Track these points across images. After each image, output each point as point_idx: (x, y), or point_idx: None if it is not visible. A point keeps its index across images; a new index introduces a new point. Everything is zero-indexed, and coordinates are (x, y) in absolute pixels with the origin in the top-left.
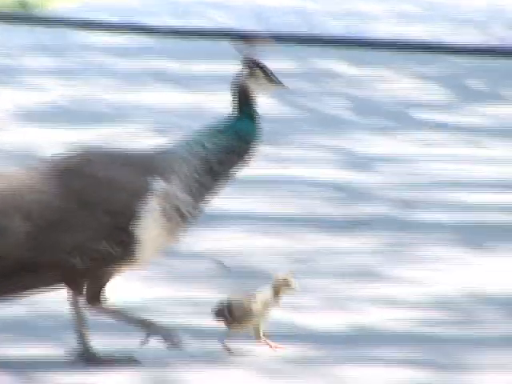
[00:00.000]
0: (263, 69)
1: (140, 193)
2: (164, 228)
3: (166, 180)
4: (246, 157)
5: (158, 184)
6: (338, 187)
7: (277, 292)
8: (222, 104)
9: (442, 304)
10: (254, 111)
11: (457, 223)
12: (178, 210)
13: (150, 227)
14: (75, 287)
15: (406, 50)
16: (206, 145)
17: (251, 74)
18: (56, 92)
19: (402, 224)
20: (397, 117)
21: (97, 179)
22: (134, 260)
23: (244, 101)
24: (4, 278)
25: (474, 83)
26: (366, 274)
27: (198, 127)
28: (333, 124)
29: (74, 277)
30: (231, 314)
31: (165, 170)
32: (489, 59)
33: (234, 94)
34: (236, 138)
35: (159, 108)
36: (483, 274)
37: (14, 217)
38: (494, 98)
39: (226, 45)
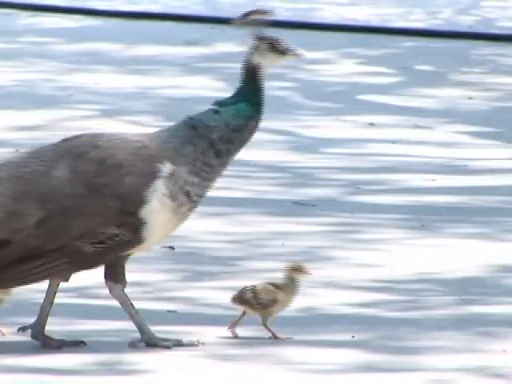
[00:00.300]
0: (271, 42)
1: (148, 176)
2: (172, 211)
3: (173, 163)
4: (249, 134)
5: (166, 167)
6: (283, 170)
7: (292, 280)
8: (168, 86)
9: (389, 286)
10: (259, 89)
11: (402, 205)
12: (185, 192)
13: (158, 210)
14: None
15: (352, 33)
16: (210, 124)
17: (259, 50)
18: (2, 75)
19: (347, 206)
20: (343, 99)
21: (105, 164)
22: (143, 243)
23: (250, 78)
24: (13, 263)
25: (420, 66)
26: (313, 257)
27: (201, 109)
28: (278, 107)
29: (82, 263)
30: (257, 300)
31: (171, 152)
32: (435, 42)
33: (242, 72)
34: (239, 116)
35: (105, 91)
36: (428, 255)
37: (25, 202)
38: (439, 80)
39: (170, 27)
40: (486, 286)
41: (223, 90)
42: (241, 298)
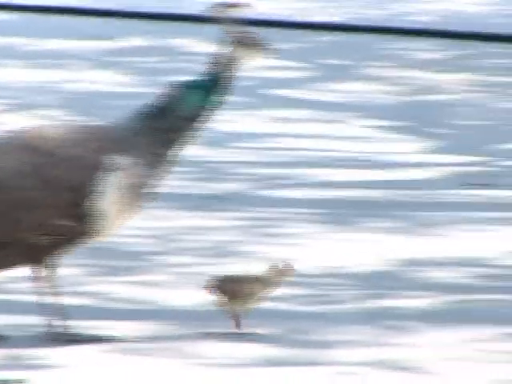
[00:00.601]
0: (246, 37)
1: (100, 168)
2: (124, 202)
3: (125, 154)
4: (201, 124)
5: (117, 159)
6: (194, 164)
7: (274, 277)
8: (77, 80)
9: (299, 280)
10: (223, 81)
11: (315, 200)
12: (137, 183)
13: (110, 202)
14: (40, 265)
15: (265, 27)
16: (162, 115)
17: (231, 44)
18: None
19: (259, 201)
20: (254, 94)
21: (56, 156)
22: (96, 234)
23: (216, 70)
24: None
25: (331, 60)
26: (224, 251)
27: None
28: None
29: (38, 254)
30: (232, 292)
31: (122, 144)
32: (344, 36)
33: (212, 62)
34: (191, 105)
35: (14, 85)
36: (340, 249)
37: None
38: (349, 74)
39: (79, 21)
40: (396, 279)
41: (132, 84)
42: (221, 288)
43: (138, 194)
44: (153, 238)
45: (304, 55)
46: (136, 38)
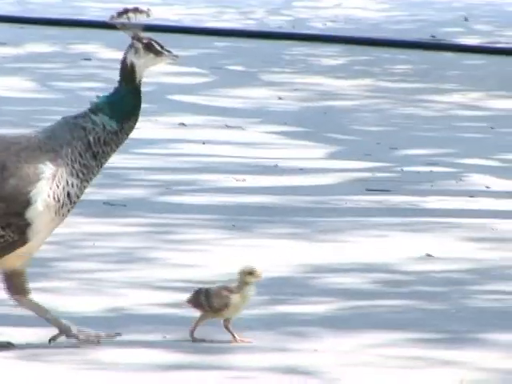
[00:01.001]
0: (148, 43)
1: (32, 178)
2: (55, 211)
3: (54, 164)
4: (125, 135)
5: (48, 168)
6: None
7: (245, 283)
8: None
9: (201, 286)
10: (136, 90)
11: (213, 205)
12: (66, 193)
13: (43, 211)
14: None
15: (163, 33)
16: (87, 126)
17: (135, 50)
18: None
19: (162, 207)
20: (153, 99)
21: None
22: (28, 244)
23: (127, 77)
24: None
25: (232, 66)
26: (127, 258)
27: (78, 109)
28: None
29: None
30: (209, 304)
31: (51, 154)
32: (247, 42)
33: (120, 71)
34: (115, 117)
35: None
36: (240, 255)
37: None
38: (250, 80)
39: None
40: (298, 285)
41: (33, 90)
42: (195, 300)
43: (67, 203)
44: (54, 245)
45: (204, 61)
46: (38, 43)
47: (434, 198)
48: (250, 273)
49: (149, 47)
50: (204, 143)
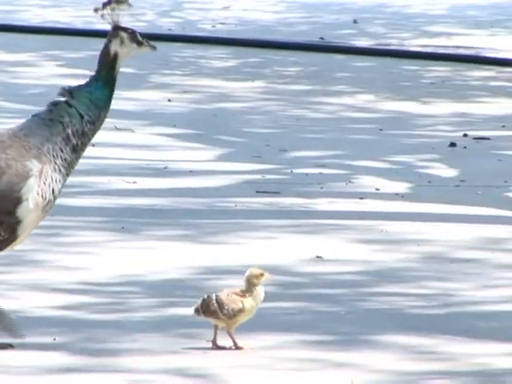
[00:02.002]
0: (130, 33)
1: (22, 176)
2: (42, 208)
3: (39, 161)
4: (100, 125)
5: (35, 165)
6: None
7: (254, 285)
8: None
9: (91, 288)
10: (112, 78)
11: (102, 208)
12: (52, 189)
13: (32, 208)
14: None
15: (54, 35)
16: (64, 120)
17: (119, 39)
18: None
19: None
20: (44, 102)
21: None
22: (16, 240)
23: (108, 66)
24: None
25: (121, 68)
26: (15, 260)
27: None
28: None
29: None
30: (223, 311)
31: (34, 150)
32: None
33: (100, 60)
34: (93, 106)
35: None
36: (131, 258)
37: None
38: (140, 83)
39: None
40: (188, 288)
41: None
42: (207, 309)
43: (51, 200)
44: None
45: (95, 63)
46: None
47: (324, 200)
48: (258, 274)
49: (133, 37)
50: (94, 145)
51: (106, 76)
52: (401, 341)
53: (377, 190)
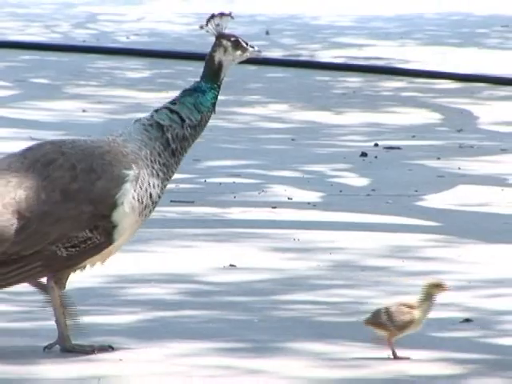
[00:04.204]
0: (233, 41)
1: (118, 180)
2: (139, 213)
3: (137, 166)
4: (202, 129)
5: (132, 171)
6: None
7: (430, 297)
8: None
9: (9, 297)
10: (218, 85)
11: None
12: (149, 194)
13: (128, 213)
14: (56, 276)
15: None
16: (164, 124)
17: (222, 47)
18: None
19: None
20: None
21: (76, 170)
22: (112, 245)
23: (213, 74)
24: None
25: (36, 79)
26: None
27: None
28: None
29: (55, 266)
30: (393, 323)
31: (132, 156)
32: (51, 55)
33: (205, 67)
34: (194, 110)
35: None
36: None
37: (3, 213)
38: (55, 93)
39: None
40: (103, 296)
41: None
42: (375, 321)
43: (149, 205)
44: None
45: (9, 74)
46: None
47: (237, 209)
48: (437, 285)
49: (236, 45)
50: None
51: (210, 83)
52: (313, 348)
53: (289, 199)
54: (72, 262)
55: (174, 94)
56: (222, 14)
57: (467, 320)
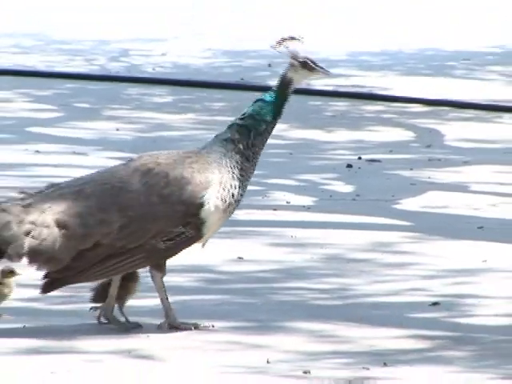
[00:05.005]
0: (303, 61)
1: (204, 184)
2: (223, 210)
3: (219, 172)
4: (268, 135)
5: (215, 176)
6: None
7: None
8: None
9: None
10: (285, 99)
11: None
12: (231, 194)
13: (214, 211)
14: (157, 265)
15: (23, 77)
16: (234, 138)
17: (293, 67)
18: None
19: None
20: (15, 131)
21: (169, 177)
22: (202, 238)
23: (283, 88)
24: (102, 260)
25: (79, 104)
26: None
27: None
28: None
29: (156, 257)
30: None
31: (215, 164)
32: (91, 84)
33: (278, 83)
34: (261, 121)
35: None
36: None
37: (109, 212)
38: (94, 115)
39: None
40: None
41: None
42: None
43: (232, 203)
44: None
45: (56, 100)
46: None
47: (243, 211)
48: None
49: (304, 65)
50: (56, 166)
51: (277, 96)
52: (306, 327)
53: (287, 202)
54: (169, 253)
55: (190, 115)
56: (292, 38)
57: (435, 303)
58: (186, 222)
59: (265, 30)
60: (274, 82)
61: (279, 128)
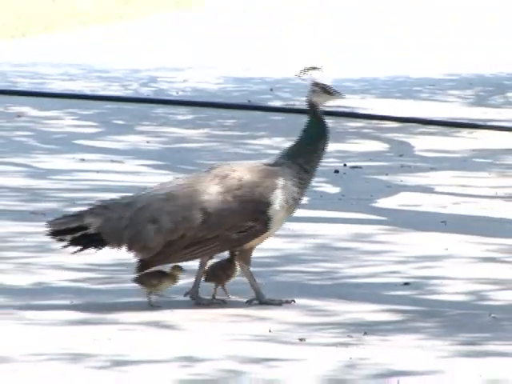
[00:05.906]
0: (323, 87)
1: (271, 187)
2: (286, 210)
3: (283, 179)
4: (322, 151)
5: (280, 181)
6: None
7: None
8: None
9: (93, 267)
10: (321, 119)
11: None
12: (293, 197)
13: (279, 210)
14: (244, 259)
15: (71, 99)
16: (298, 153)
17: (316, 92)
18: None
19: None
20: (65, 143)
21: (243, 181)
22: (268, 232)
23: (311, 111)
24: (183, 249)
25: (116, 121)
26: (43, 249)
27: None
28: (20, 148)
29: (229, 245)
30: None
31: (280, 172)
32: (127, 105)
33: (307, 108)
34: (313, 142)
35: None
36: None
37: (192, 210)
38: (128, 130)
39: None
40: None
41: None
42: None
43: (293, 204)
44: None
45: (98, 117)
46: None
47: None
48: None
49: (325, 90)
50: (98, 172)
51: (313, 119)
52: (301, 303)
53: None
54: (240, 242)
55: (207, 130)
56: (313, 68)
57: (406, 283)
58: (254, 218)
59: (269, 57)
60: (275, 103)
61: (278, 141)
